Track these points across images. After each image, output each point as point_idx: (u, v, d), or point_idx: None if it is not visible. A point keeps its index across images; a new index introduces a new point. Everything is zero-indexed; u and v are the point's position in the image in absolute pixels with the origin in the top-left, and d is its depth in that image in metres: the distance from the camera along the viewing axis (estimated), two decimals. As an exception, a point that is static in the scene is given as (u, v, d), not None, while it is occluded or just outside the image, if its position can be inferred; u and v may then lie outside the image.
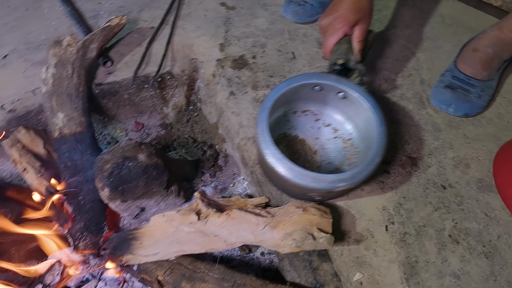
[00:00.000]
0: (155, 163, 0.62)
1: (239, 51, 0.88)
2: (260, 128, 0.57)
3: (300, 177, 0.52)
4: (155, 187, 0.65)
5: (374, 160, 0.55)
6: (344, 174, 0.53)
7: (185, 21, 0.96)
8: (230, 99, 0.79)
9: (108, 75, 0.85)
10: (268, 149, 0.55)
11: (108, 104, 0.88)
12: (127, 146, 0.60)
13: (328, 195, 0.57)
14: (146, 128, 0.98)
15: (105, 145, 0.93)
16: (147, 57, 0.89)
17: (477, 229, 0.60)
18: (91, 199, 0.66)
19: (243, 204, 0.66)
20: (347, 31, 0.63)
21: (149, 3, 1.02)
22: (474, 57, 0.75)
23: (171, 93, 0.95)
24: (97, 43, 0.79)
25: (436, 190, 0.65)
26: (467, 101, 0.72)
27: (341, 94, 0.63)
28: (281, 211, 0.57)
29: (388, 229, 0.61)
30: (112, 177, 0.59)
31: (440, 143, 0.71)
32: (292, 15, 0.92)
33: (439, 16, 0.97)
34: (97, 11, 1.00)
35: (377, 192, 0.65)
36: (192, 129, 0.98)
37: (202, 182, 0.88)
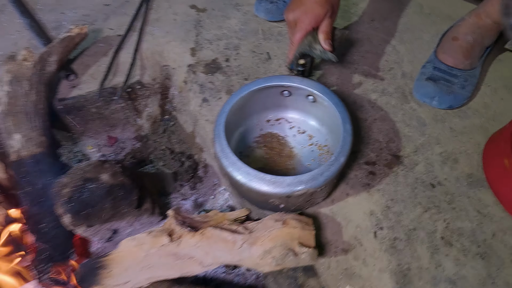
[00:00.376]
0: (121, 183, 0.57)
1: (212, 54, 0.83)
2: (216, 132, 0.52)
3: (255, 181, 0.48)
4: (124, 207, 0.60)
5: (337, 160, 0.50)
6: (302, 176, 0.48)
7: (153, 27, 0.91)
8: (203, 106, 0.75)
9: (72, 89, 0.79)
10: (222, 152, 0.50)
11: (75, 120, 0.82)
12: (87, 166, 0.55)
13: (291, 202, 0.52)
14: (120, 142, 0.92)
15: (76, 163, 0.87)
16: (114, 67, 0.83)
17: (470, 228, 0.57)
18: (55, 225, 0.61)
19: (221, 219, 0.61)
20: (315, 25, 0.59)
21: (115, 10, 0.96)
22: (454, 46, 0.72)
23: (143, 103, 0.90)
24: (56, 56, 0.74)
25: (425, 189, 0.61)
26: (450, 93, 0.69)
27: (311, 98, 0.60)
28: (260, 226, 0.52)
29: (377, 235, 0.57)
30: (72, 202, 0.53)
31: (426, 139, 0.67)
32: (264, 13, 0.88)
33: (417, 6, 0.94)
34: (60, 21, 0.94)
35: (363, 195, 0.61)
36: (169, 139, 0.93)
37: (181, 195, 0.83)
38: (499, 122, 0.69)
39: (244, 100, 0.60)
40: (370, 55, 0.82)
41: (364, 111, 0.72)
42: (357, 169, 0.64)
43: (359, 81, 0.77)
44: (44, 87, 0.72)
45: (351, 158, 0.65)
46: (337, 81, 0.77)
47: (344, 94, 0.75)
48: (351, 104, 0.73)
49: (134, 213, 0.63)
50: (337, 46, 0.62)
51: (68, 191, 0.53)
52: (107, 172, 0.56)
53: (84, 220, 0.55)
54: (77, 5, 0.98)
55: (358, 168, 0.64)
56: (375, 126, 0.69)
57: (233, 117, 0.61)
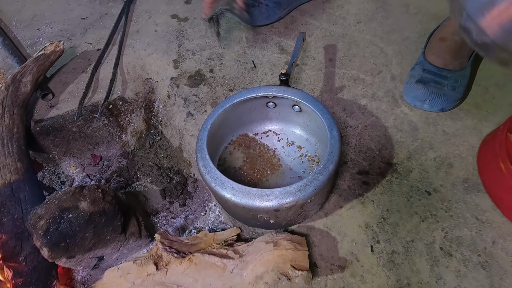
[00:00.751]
0: (102, 209, 0.54)
1: (195, 65, 0.81)
2: (198, 147, 0.50)
3: (240, 195, 0.45)
4: (108, 234, 0.57)
5: (326, 168, 0.47)
6: (290, 187, 0.45)
7: (134, 39, 0.88)
8: (188, 121, 0.72)
9: (50, 109, 0.76)
10: (205, 168, 0.48)
11: (55, 141, 0.79)
12: (64, 195, 0.52)
13: (281, 216, 0.49)
14: (104, 160, 0.89)
15: (59, 185, 0.84)
16: (94, 83, 0.80)
17: (469, 236, 0.55)
18: (34, 258, 0.57)
19: (211, 240, 0.58)
20: None
21: (93, 23, 0.93)
22: (442, 47, 0.70)
23: (127, 118, 0.87)
24: (30, 76, 0.70)
25: (421, 197, 0.59)
26: (441, 95, 0.67)
27: (296, 108, 0.57)
28: (251, 249, 0.49)
29: (374, 249, 0.54)
30: (50, 234, 0.50)
31: (419, 144, 0.65)
32: (246, 18, 0.85)
33: (403, 6, 0.92)
34: (36, 38, 0.91)
35: (358, 207, 0.58)
36: (156, 154, 0.89)
37: (171, 213, 0.80)
38: (492, 122, 0.67)
39: (227, 113, 0.57)
40: (357, 58, 0.80)
41: (354, 117, 0.70)
42: (349, 179, 0.61)
43: (348, 86, 0.75)
44: (19, 109, 0.68)
45: (343, 168, 0.63)
46: (325, 87, 0.75)
47: (333, 100, 0.73)
48: (340, 111, 0.71)
49: (119, 239, 0.60)
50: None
51: (43, 223, 0.50)
52: (86, 200, 0.53)
53: (63, 252, 0.52)
54: (54, 20, 0.94)
55: (351, 179, 0.62)
56: (366, 133, 0.67)
57: (217, 132, 0.59)
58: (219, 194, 0.46)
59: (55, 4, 0.99)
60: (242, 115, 0.61)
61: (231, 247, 0.51)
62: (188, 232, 0.75)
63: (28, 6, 1.00)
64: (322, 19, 0.90)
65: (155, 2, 0.98)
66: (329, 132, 0.50)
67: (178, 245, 0.57)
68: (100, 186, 0.58)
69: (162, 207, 0.80)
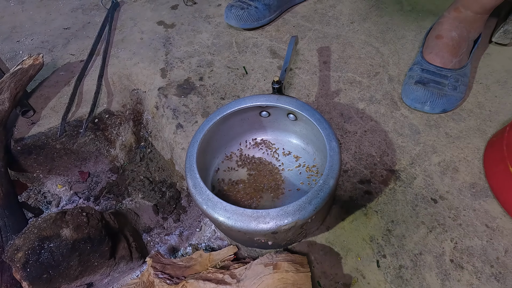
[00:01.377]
0: (87, 235, 0.50)
1: (184, 74, 0.77)
2: (188, 165, 0.46)
3: (234, 218, 0.41)
4: (95, 261, 0.53)
5: (326, 183, 0.43)
6: (288, 207, 0.41)
7: (118, 49, 0.84)
8: (177, 133, 0.68)
9: (31, 126, 0.72)
10: (195, 188, 0.44)
11: (38, 159, 0.74)
12: (44, 222, 0.48)
13: (280, 238, 0.45)
14: (93, 176, 0.85)
15: (45, 204, 0.79)
16: (78, 96, 0.76)
17: (480, 246, 0.52)
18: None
19: (206, 261, 0.54)
20: None
21: (76, 33, 0.89)
22: (440, 45, 0.67)
23: (115, 132, 0.83)
24: (8, 92, 0.66)
25: (427, 205, 0.56)
26: (442, 96, 0.64)
27: (291, 116, 0.54)
28: (249, 273, 0.46)
29: (380, 264, 0.51)
30: (29, 267, 0.46)
31: (421, 148, 0.62)
32: (235, 20, 0.81)
33: (397, 3, 0.89)
34: (16, 51, 0.87)
35: (361, 219, 0.55)
36: (147, 167, 0.86)
37: (164, 230, 0.76)
38: (497, 122, 0.64)
39: (218, 125, 0.53)
40: (353, 60, 0.77)
41: (352, 123, 0.66)
42: (351, 189, 0.58)
43: (344, 89, 0.72)
44: (-4, 129, 0.64)
45: (343, 178, 0.60)
46: (321, 92, 0.72)
47: (329, 105, 0.69)
48: (338, 116, 0.67)
49: (108, 264, 0.56)
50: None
51: (22, 255, 0.46)
52: (69, 226, 0.49)
53: (46, 284, 0.48)
54: (34, 31, 0.90)
55: (352, 188, 0.58)
56: (366, 139, 0.64)
57: (208, 146, 0.55)
58: (212, 216, 0.42)
59: (35, 15, 0.95)
60: (234, 126, 0.57)
61: (228, 271, 0.48)
62: (183, 250, 0.71)
63: (7, 17, 0.95)
64: (315, 20, 0.87)
65: (140, 9, 0.94)
66: (328, 143, 0.46)
67: (171, 268, 0.53)
68: (84, 209, 0.54)
69: (155, 224, 0.76)
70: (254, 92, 0.72)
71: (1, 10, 0.98)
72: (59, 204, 0.80)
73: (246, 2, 0.83)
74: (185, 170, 0.47)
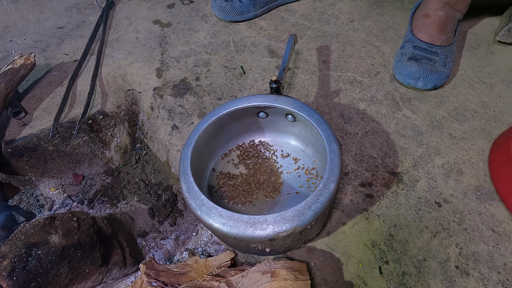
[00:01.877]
0: (77, 241, 0.48)
1: (180, 74, 0.75)
2: (182, 168, 0.44)
3: (230, 224, 0.39)
4: (86, 267, 0.51)
5: (326, 188, 0.41)
6: (286, 212, 0.39)
7: (113, 48, 0.82)
8: (173, 134, 0.66)
9: (23, 128, 0.70)
10: (189, 192, 0.42)
11: (30, 162, 0.72)
12: (32, 228, 0.46)
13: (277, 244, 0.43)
14: (87, 178, 0.83)
15: (38, 208, 0.77)
16: (71, 97, 0.74)
17: (486, 251, 0.50)
18: (5, 298, 0.51)
19: (202, 267, 0.52)
20: None
21: (69, 32, 0.87)
22: (428, 23, 0.69)
23: (110, 133, 0.81)
24: (-2, 93, 0.64)
25: (431, 209, 0.54)
26: (434, 72, 0.65)
27: (290, 117, 0.52)
28: (245, 281, 0.44)
29: (383, 271, 0.49)
30: (16, 275, 0.44)
31: (424, 150, 0.60)
32: (218, 11, 0.82)
33: (398, 1, 0.87)
34: (8, 50, 0.85)
35: (362, 224, 0.53)
36: (143, 170, 0.84)
37: (160, 234, 0.74)
38: (501, 123, 0.62)
39: (213, 127, 0.51)
40: (353, 59, 0.75)
41: (353, 123, 0.64)
42: (352, 192, 0.56)
43: (345, 90, 0.70)
44: (-14, 130, 0.62)
45: (344, 181, 0.58)
46: (320, 92, 0.70)
47: (329, 106, 0.67)
48: (338, 117, 0.65)
49: (100, 271, 0.54)
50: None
51: (7, 263, 0.43)
52: (58, 232, 0.47)
53: (34, 292, 0.46)
54: (27, 30, 0.88)
55: (353, 192, 0.56)
56: (367, 140, 0.62)
57: (204, 148, 0.53)
58: (206, 222, 0.40)
59: (28, 14, 0.93)
60: (231, 127, 0.55)
61: (224, 278, 0.46)
62: (179, 255, 0.69)
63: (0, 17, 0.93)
64: (314, 18, 0.85)
65: (136, 8, 0.92)
66: (328, 145, 0.44)
67: (165, 275, 0.51)
68: (75, 214, 0.52)
69: (150, 228, 0.74)
70: (252, 92, 0.70)
71: (-6, 9, 0.96)
72: (52, 207, 0.78)
73: None
74: (178, 173, 0.45)
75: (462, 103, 0.66)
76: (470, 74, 0.71)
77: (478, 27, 0.80)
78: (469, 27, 0.80)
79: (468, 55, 0.74)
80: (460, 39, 0.77)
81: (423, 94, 0.68)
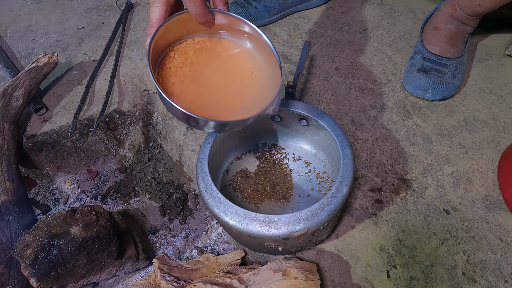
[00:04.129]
0: (96, 234, 0.50)
1: (195, 76, 0.77)
2: (199, 167, 0.46)
3: (246, 222, 0.41)
4: (102, 260, 0.53)
5: (339, 191, 0.43)
6: (300, 213, 0.41)
7: (131, 49, 0.85)
8: (188, 135, 0.68)
9: (43, 123, 0.72)
10: (206, 190, 0.44)
11: (49, 157, 0.75)
12: (54, 220, 0.48)
13: (290, 244, 0.45)
14: (101, 175, 0.85)
15: (53, 201, 0.80)
16: (90, 95, 0.77)
17: (494, 260, 0.50)
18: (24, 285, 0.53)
19: (213, 264, 0.54)
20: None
21: (89, 33, 0.90)
22: (438, 36, 0.70)
23: (125, 132, 0.83)
24: (22, 89, 0.67)
25: (439, 216, 0.55)
26: (443, 83, 0.66)
27: (304, 122, 0.54)
28: (257, 278, 0.45)
29: (390, 275, 0.50)
30: (38, 264, 0.46)
31: (434, 158, 0.61)
32: None
33: (410, 11, 0.89)
34: (31, 49, 0.88)
35: (371, 228, 0.54)
36: (155, 168, 0.86)
37: (170, 231, 0.76)
38: (511, 134, 0.63)
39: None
40: (365, 67, 0.77)
41: (364, 130, 0.66)
42: (361, 197, 0.57)
43: (356, 96, 0.71)
44: (9, 125, 0.64)
45: (354, 185, 0.59)
46: (332, 98, 0.71)
47: (341, 112, 0.69)
48: (349, 123, 0.67)
49: (115, 264, 0.56)
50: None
51: (31, 252, 0.46)
52: (79, 224, 0.49)
53: (54, 281, 0.48)
54: (49, 30, 0.91)
55: (362, 196, 0.57)
56: (378, 147, 0.63)
57: (220, 148, 0.55)
58: (223, 220, 0.42)
59: (50, 14, 0.97)
60: (246, 129, 0.57)
61: (236, 275, 0.47)
62: (188, 252, 0.71)
63: (23, 16, 0.97)
64: (327, 26, 0.87)
65: (154, 11, 0.95)
66: (341, 150, 0.46)
67: (178, 271, 0.53)
68: (93, 208, 0.54)
69: (161, 225, 0.76)
70: (265, 96, 0.72)
71: (18, 9, 1.00)
72: (67, 201, 0.80)
73: (248, 1, 0.85)
74: (196, 172, 0.47)
75: (472, 113, 0.67)
76: (480, 85, 0.72)
77: (490, 39, 0.81)
78: (481, 39, 0.81)
79: (479, 66, 0.75)
80: (471, 50, 0.79)
81: (434, 103, 0.69)
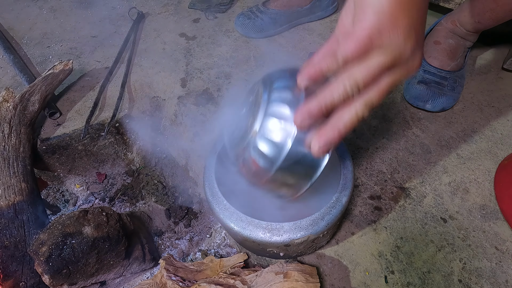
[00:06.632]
0: (106, 234, 0.52)
1: (202, 84, 0.80)
2: (206, 175, 0.48)
3: (250, 228, 0.43)
4: (111, 259, 0.55)
5: (339, 201, 0.45)
6: (302, 221, 0.43)
7: (141, 58, 0.88)
8: (194, 141, 0.71)
9: (57, 127, 0.75)
10: (212, 197, 0.46)
11: (61, 159, 0.78)
12: (68, 219, 0.51)
13: (291, 250, 0.47)
14: (109, 178, 0.88)
15: (63, 203, 0.82)
16: (101, 101, 0.80)
17: (489, 268, 0.52)
18: (35, 283, 0.55)
19: (217, 266, 0.56)
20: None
21: (102, 41, 0.94)
22: (438, 50, 0.72)
23: (133, 136, 0.86)
24: (39, 95, 0.70)
25: (436, 224, 0.56)
26: (442, 95, 0.69)
27: None
28: (259, 280, 0.47)
29: (388, 280, 0.52)
30: (52, 261, 0.48)
31: (432, 167, 0.63)
32: (241, 28, 0.89)
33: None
34: (46, 55, 0.92)
35: (370, 234, 0.56)
36: (161, 172, 0.88)
37: (175, 234, 0.78)
38: (508, 145, 0.65)
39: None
40: (366, 78, 0.79)
41: (364, 139, 0.68)
42: (361, 204, 0.59)
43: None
44: (26, 128, 0.68)
45: (354, 193, 0.61)
46: (334, 108, 0.74)
47: (343, 121, 0.71)
48: (350, 132, 0.69)
49: (122, 264, 0.58)
50: None
51: (46, 249, 0.48)
52: (91, 224, 0.51)
53: (65, 279, 0.50)
54: (64, 37, 0.96)
55: (362, 204, 0.59)
56: (377, 156, 0.65)
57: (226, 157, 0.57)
58: (228, 226, 0.44)
59: (65, 23, 1.01)
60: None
61: (239, 277, 0.49)
62: (192, 255, 0.73)
63: (39, 24, 1.01)
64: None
65: (164, 21, 0.99)
66: (341, 161, 0.48)
67: (183, 272, 0.55)
68: (104, 209, 0.56)
69: (166, 228, 0.78)
70: (270, 105, 0.74)
71: (34, 17, 1.04)
72: (76, 203, 0.83)
73: (254, 13, 0.89)
74: (203, 179, 0.49)
75: (470, 125, 0.69)
76: (479, 98, 0.74)
77: (489, 53, 0.83)
78: (480, 53, 0.83)
79: (478, 79, 0.78)
80: (471, 64, 0.81)
81: (433, 115, 0.71)
